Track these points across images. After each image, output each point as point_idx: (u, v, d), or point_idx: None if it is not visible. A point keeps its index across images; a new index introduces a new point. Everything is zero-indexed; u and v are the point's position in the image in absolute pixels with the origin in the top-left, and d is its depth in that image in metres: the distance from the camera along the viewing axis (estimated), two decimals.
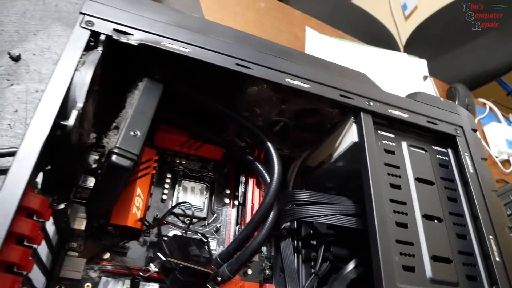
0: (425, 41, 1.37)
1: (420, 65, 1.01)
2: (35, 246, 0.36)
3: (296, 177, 0.65)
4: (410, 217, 0.46)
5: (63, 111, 0.36)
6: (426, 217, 0.47)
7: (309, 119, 0.58)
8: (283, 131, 0.60)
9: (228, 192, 0.61)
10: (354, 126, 0.52)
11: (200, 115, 0.57)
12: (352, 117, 0.52)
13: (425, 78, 0.97)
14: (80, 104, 0.37)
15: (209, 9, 0.85)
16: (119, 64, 0.46)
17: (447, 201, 0.49)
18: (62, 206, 0.38)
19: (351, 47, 0.96)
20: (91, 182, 0.51)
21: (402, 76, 0.95)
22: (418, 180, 0.49)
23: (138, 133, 0.39)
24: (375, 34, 1.49)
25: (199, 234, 0.53)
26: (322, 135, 0.59)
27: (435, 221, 0.47)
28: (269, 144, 0.52)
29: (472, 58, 1.21)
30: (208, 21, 0.49)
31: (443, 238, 0.46)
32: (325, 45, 0.90)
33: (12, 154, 0.51)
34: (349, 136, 0.52)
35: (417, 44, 1.40)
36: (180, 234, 0.54)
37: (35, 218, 0.36)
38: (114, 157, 0.37)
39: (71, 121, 0.36)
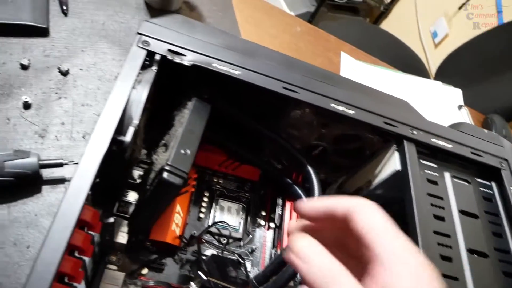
0: (457, 70, 1.36)
1: (455, 94, 1.00)
2: (84, 258, 0.37)
3: None
4: (454, 251, 0.45)
5: (120, 127, 0.38)
6: (470, 251, 0.45)
7: (349, 144, 0.58)
8: (321, 155, 0.60)
9: (263, 213, 0.61)
10: (396, 154, 0.52)
11: (238, 135, 0.58)
12: (395, 145, 0.52)
13: (460, 107, 0.96)
14: (136, 121, 0.38)
15: (246, 31, 0.87)
16: (169, 83, 0.47)
17: (492, 236, 0.48)
18: (111, 219, 0.39)
19: (385, 74, 0.96)
20: (132, 196, 0.51)
21: (436, 104, 0.94)
22: (462, 212, 0.48)
23: (188, 151, 0.40)
24: (404, 60, 1.49)
25: (235, 255, 0.53)
26: (361, 161, 0.59)
27: (480, 256, 0.46)
28: (310, 168, 0.52)
29: (509, 89, 1.19)
30: (256, 44, 0.50)
31: (489, 275, 0.45)
32: (360, 71, 0.91)
33: (59, 165, 0.53)
34: (391, 164, 0.52)
35: (448, 72, 1.39)
36: (216, 253, 0.54)
37: (86, 230, 0.37)
38: (165, 175, 0.38)
39: (128, 137, 0.37)
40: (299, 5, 2.07)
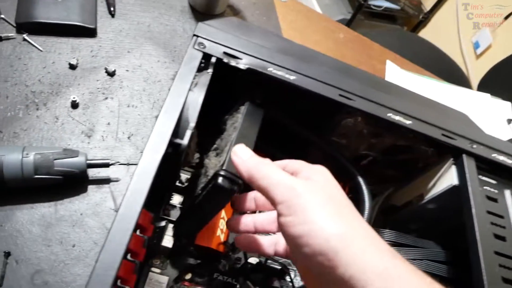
0: (504, 82, 1.31)
1: (504, 107, 0.96)
2: (137, 261, 0.36)
3: (377, 214, 0.62)
4: None
5: (176, 130, 0.37)
6: None
7: (400, 156, 0.55)
8: (369, 166, 0.58)
9: None
10: (453, 168, 0.49)
11: (281, 141, 0.56)
12: (452, 159, 0.50)
13: (510, 121, 0.92)
14: (192, 124, 0.37)
15: (290, 37, 0.85)
16: (220, 86, 0.46)
17: None
18: (163, 223, 0.39)
19: (430, 84, 0.93)
20: (176, 200, 0.51)
21: (484, 117, 0.90)
22: None
23: None
24: (445, 71, 1.44)
25: (280, 264, 0.52)
26: (411, 174, 0.57)
27: None
28: (360, 179, 0.50)
29: None
30: (311, 50, 0.49)
31: None
32: (405, 80, 0.88)
33: (106, 165, 0.53)
34: (447, 178, 0.50)
35: (494, 84, 1.34)
36: (259, 261, 0.52)
37: (138, 233, 0.37)
38: (220, 180, 0.36)
39: (185, 140, 0.36)
40: (335, 12, 2.05)
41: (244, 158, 0.34)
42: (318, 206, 0.29)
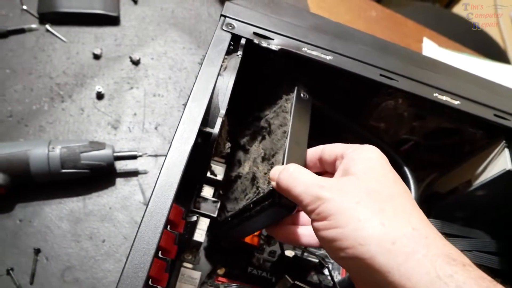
0: None
1: None
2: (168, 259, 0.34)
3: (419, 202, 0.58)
4: None
5: (206, 118, 0.34)
6: None
7: (445, 139, 0.51)
8: (410, 151, 0.54)
9: None
10: (506, 152, 0.45)
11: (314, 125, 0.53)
12: (504, 141, 0.45)
13: None
14: (223, 111, 0.35)
15: None
16: (252, 70, 0.43)
17: None
18: (194, 218, 0.36)
19: (472, 61, 0.87)
20: (207, 192, 0.48)
21: None
22: None
23: None
24: (480, 45, 1.36)
25: (317, 257, 0.49)
26: (457, 158, 0.52)
27: None
28: (407, 170, 0.46)
29: None
30: (348, 27, 0.45)
31: None
32: (444, 59, 0.82)
33: (133, 157, 0.51)
34: (500, 162, 0.45)
35: None
36: (295, 254, 0.50)
37: (169, 228, 0.34)
38: (283, 201, 0.32)
39: (216, 129, 0.33)
40: None
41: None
42: (351, 207, 0.26)
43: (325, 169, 0.36)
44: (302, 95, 0.40)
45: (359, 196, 0.27)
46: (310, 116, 0.40)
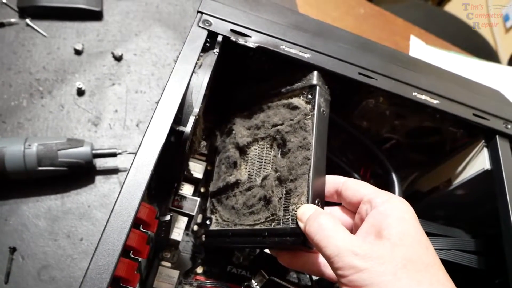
0: None
1: None
2: (140, 259, 0.34)
3: None
4: None
5: (179, 116, 0.34)
6: None
7: (426, 138, 0.51)
8: (391, 150, 0.54)
9: None
10: (485, 151, 0.45)
11: None
12: (483, 141, 0.45)
13: None
14: (196, 110, 0.34)
15: (307, 13, 0.81)
16: (229, 68, 0.43)
17: None
18: (168, 218, 0.36)
19: (459, 60, 0.87)
20: (187, 190, 0.48)
21: None
22: None
23: (320, 203, 0.34)
24: (473, 46, 1.37)
25: None
26: (438, 157, 0.52)
27: None
28: (394, 176, 0.46)
29: None
30: (327, 24, 0.45)
31: None
32: (431, 57, 0.82)
33: (113, 155, 0.50)
34: (478, 162, 0.45)
35: None
36: None
37: (141, 228, 0.34)
38: (310, 243, 0.31)
39: (188, 127, 0.33)
40: None
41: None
42: (388, 280, 0.25)
43: (342, 203, 0.35)
44: (322, 110, 0.38)
45: (396, 267, 0.26)
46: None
